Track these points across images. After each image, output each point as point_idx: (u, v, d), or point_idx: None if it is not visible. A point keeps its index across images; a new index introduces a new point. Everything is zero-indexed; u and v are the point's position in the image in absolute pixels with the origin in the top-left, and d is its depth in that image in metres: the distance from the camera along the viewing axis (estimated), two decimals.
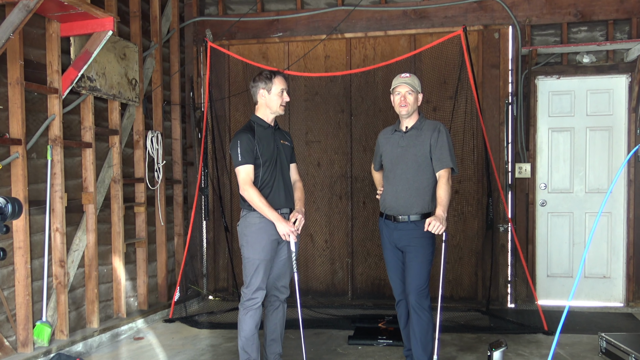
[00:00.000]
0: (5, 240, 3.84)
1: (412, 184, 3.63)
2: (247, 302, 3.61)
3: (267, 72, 3.68)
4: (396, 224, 3.67)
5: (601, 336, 4.19)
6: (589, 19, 5.49)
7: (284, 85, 3.66)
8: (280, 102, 3.64)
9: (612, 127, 5.59)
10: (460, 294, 5.81)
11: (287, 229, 3.54)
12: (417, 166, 3.63)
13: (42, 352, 4.01)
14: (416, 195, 3.63)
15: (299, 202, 3.75)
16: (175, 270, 5.93)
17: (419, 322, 3.63)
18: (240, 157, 3.56)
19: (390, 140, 3.80)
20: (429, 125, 3.70)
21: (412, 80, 3.66)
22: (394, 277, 3.78)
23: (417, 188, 3.63)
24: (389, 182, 3.75)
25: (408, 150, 3.67)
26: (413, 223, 3.62)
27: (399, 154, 3.70)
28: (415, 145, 3.65)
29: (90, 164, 4.58)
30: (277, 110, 3.67)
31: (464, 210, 5.76)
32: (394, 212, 3.68)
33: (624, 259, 5.58)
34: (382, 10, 5.83)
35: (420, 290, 3.61)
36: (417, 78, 3.74)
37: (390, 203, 3.70)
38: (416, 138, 3.67)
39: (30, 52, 4.07)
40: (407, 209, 3.63)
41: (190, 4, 6.17)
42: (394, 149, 3.73)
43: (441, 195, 3.53)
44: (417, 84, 3.68)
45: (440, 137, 3.63)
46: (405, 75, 3.69)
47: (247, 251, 3.62)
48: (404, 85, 3.64)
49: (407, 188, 3.64)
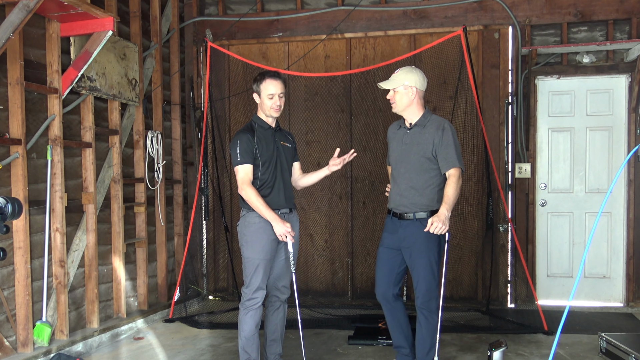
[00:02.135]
0: (5, 240, 3.84)
1: (416, 182, 3.59)
2: (248, 302, 3.61)
3: (259, 75, 3.67)
4: (401, 222, 3.63)
5: (601, 336, 4.19)
6: (589, 19, 5.49)
7: (275, 90, 3.58)
8: (271, 105, 3.59)
9: (612, 127, 5.59)
10: (460, 294, 5.81)
11: (284, 230, 3.53)
12: (420, 165, 3.57)
13: (42, 352, 4.01)
14: (420, 194, 3.58)
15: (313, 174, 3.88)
16: (175, 270, 5.93)
17: (426, 323, 3.59)
18: (239, 156, 3.56)
19: (396, 136, 3.74)
20: (434, 122, 3.60)
21: (397, 76, 3.59)
22: (380, 275, 3.73)
23: (421, 187, 3.58)
24: (394, 180, 3.72)
25: (411, 148, 3.61)
26: (419, 221, 3.56)
27: (402, 151, 3.65)
28: (419, 143, 3.58)
29: (90, 164, 4.58)
30: (268, 113, 3.63)
31: (464, 210, 5.76)
32: (400, 209, 3.64)
33: (624, 259, 5.58)
34: (382, 10, 5.83)
35: (429, 292, 3.56)
36: (412, 70, 3.61)
37: (395, 201, 3.67)
38: (419, 136, 3.59)
39: (30, 52, 4.07)
40: (412, 207, 3.59)
41: (190, 4, 6.17)
42: (398, 146, 3.69)
43: (448, 193, 3.44)
44: (403, 78, 3.56)
45: (445, 135, 3.53)
46: (395, 72, 3.64)
47: (247, 251, 3.62)
48: (388, 83, 3.62)
49: (410, 187, 3.60)
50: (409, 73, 3.59)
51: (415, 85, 3.57)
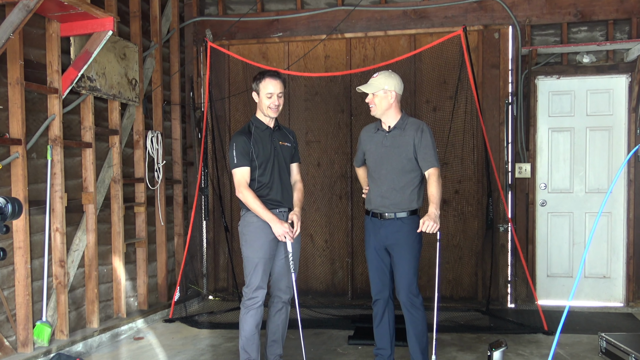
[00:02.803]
0: (5, 240, 3.84)
1: (398, 183, 3.63)
2: (248, 302, 3.61)
3: (259, 74, 3.67)
4: (382, 221, 3.67)
5: (601, 336, 4.19)
6: (589, 19, 5.49)
7: (274, 89, 3.58)
8: (269, 104, 3.59)
9: (612, 127, 5.59)
10: (460, 294, 5.81)
11: (282, 230, 3.54)
12: (402, 166, 3.63)
13: (42, 352, 4.01)
14: (402, 195, 3.63)
15: (298, 203, 3.75)
16: (175, 270, 5.93)
17: (412, 320, 3.65)
18: (235, 159, 3.58)
19: (373, 138, 3.76)
20: (412, 124, 3.67)
21: (377, 80, 3.62)
22: (374, 276, 3.78)
23: (403, 187, 3.63)
24: (374, 182, 3.74)
25: (392, 150, 3.65)
26: (400, 220, 3.62)
27: (383, 153, 3.68)
28: (400, 145, 3.64)
29: (90, 164, 4.58)
30: (266, 113, 3.63)
31: (464, 210, 5.76)
32: (380, 210, 3.68)
33: (624, 259, 5.58)
34: (382, 10, 5.83)
35: (410, 288, 3.62)
36: (391, 75, 3.65)
37: (376, 203, 3.70)
38: (400, 138, 3.64)
39: (30, 52, 4.07)
40: (393, 208, 3.64)
41: (190, 4, 6.17)
42: (378, 148, 3.71)
43: (433, 193, 3.50)
44: (383, 82, 3.60)
45: (424, 137, 3.60)
46: (374, 76, 3.67)
47: (246, 250, 3.63)
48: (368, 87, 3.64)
49: (392, 188, 3.64)
50: (388, 77, 3.64)
51: (395, 89, 3.63)
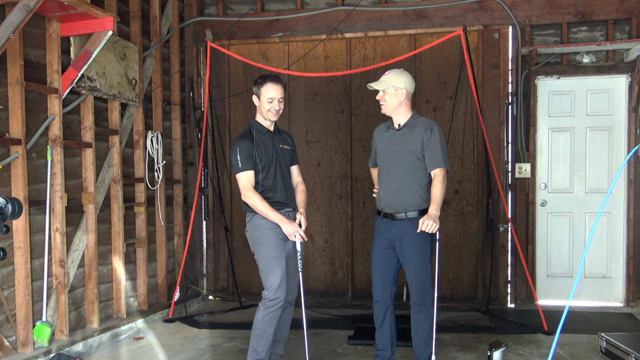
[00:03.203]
0: (5, 240, 3.84)
1: (407, 182, 3.63)
2: (269, 302, 3.55)
3: (261, 78, 3.67)
4: (393, 222, 3.67)
5: (601, 336, 4.19)
6: (589, 19, 5.49)
7: (275, 94, 3.59)
8: (269, 108, 3.60)
9: (612, 127, 5.59)
10: (460, 294, 5.80)
11: (293, 229, 3.56)
12: (410, 164, 3.63)
13: (42, 352, 4.01)
14: (411, 193, 3.63)
15: (302, 204, 3.76)
16: (175, 270, 5.93)
17: (425, 320, 3.62)
18: (240, 163, 3.58)
19: (383, 137, 3.78)
20: (422, 123, 3.67)
21: (388, 78, 3.64)
22: (377, 276, 3.77)
23: (412, 186, 3.63)
24: (383, 181, 3.75)
25: (401, 148, 3.66)
26: (410, 220, 3.62)
27: (392, 151, 3.69)
28: (408, 143, 3.64)
29: (90, 164, 4.58)
30: (267, 117, 3.64)
31: (464, 210, 5.76)
32: (390, 209, 3.68)
33: (624, 259, 5.58)
34: (382, 10, 5.83)
35: (424, 289, 3.61)
36: (402, 73, 3.67)
37: (386, 201, 3.70)
38: (409, 136, 3.65)
39: (30, 52, 4.07)
40: (404, 207, 3.64)
41: (190, 4, 6.17)
42: (387, 146, 3.72)
43: (435, 193, 3.51)
44: (394, 80, 3.62)
45: (433, 136, 3.60)
46: (385, 73, 3.69)
47: (260, 253, 3.62)
48: (379, 84, 3.66)
49: (401, 186, 3.64)
50: (399, 75, 3.65)
51: (405, 87, 3.65)
